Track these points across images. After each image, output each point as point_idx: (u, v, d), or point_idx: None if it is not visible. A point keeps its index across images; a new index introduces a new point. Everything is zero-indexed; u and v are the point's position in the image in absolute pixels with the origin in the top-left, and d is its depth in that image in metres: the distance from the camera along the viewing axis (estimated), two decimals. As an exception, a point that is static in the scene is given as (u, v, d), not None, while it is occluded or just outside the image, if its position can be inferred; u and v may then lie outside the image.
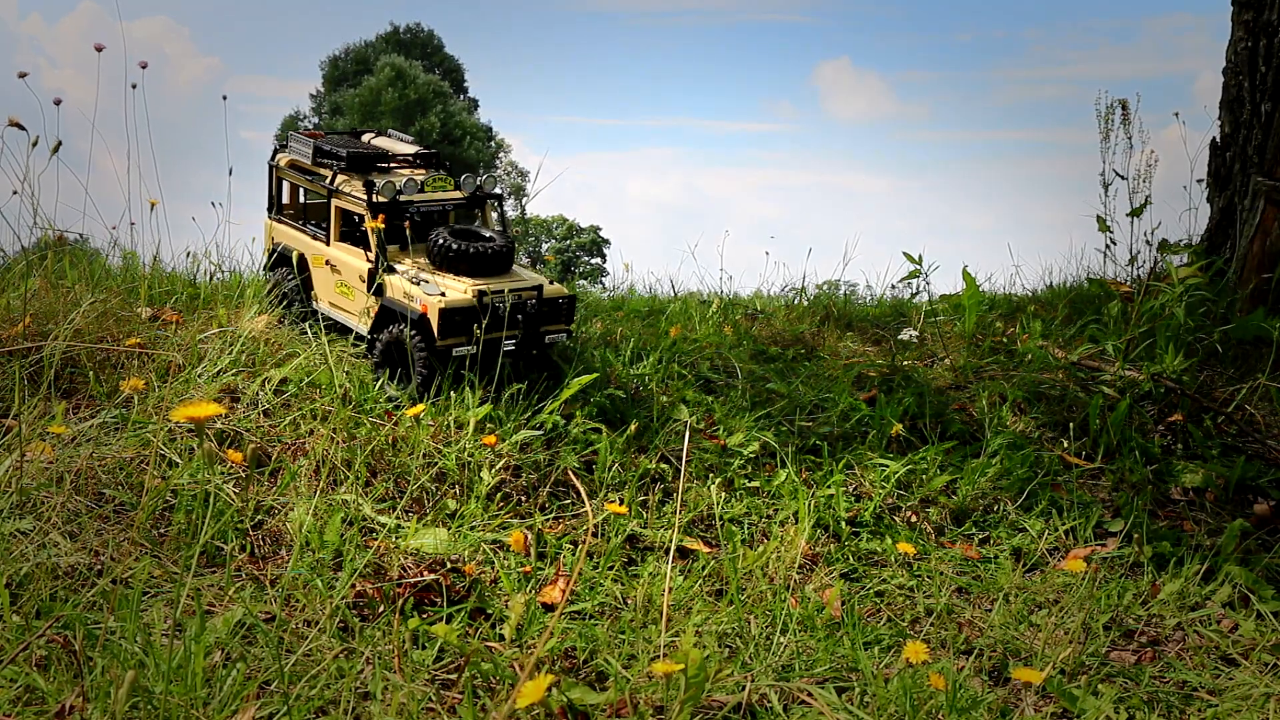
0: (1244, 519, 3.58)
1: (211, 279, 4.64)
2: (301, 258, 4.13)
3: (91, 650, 2.11)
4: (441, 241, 3.71)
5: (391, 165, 4.07)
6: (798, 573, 3.05)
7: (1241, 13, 5.10)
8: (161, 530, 2.75)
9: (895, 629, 2.92)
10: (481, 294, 3.58)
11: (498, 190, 4.07)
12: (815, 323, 5.31)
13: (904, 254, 5.24)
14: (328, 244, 4.00)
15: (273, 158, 4.26)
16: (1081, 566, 2.85)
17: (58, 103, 3.76)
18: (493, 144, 36.52)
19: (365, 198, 3.77)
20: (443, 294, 3.57)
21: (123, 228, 4.43)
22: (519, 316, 3.66)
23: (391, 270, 3.73)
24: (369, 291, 3.77)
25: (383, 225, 3.71)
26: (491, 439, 3.30)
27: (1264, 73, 4.97)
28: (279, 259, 4.23)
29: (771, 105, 77.61)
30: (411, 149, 4.21)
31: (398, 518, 3.04)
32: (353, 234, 3.97)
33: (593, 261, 33.91)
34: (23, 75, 3.81)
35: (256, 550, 2.83)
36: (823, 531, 3.42)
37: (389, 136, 4.37)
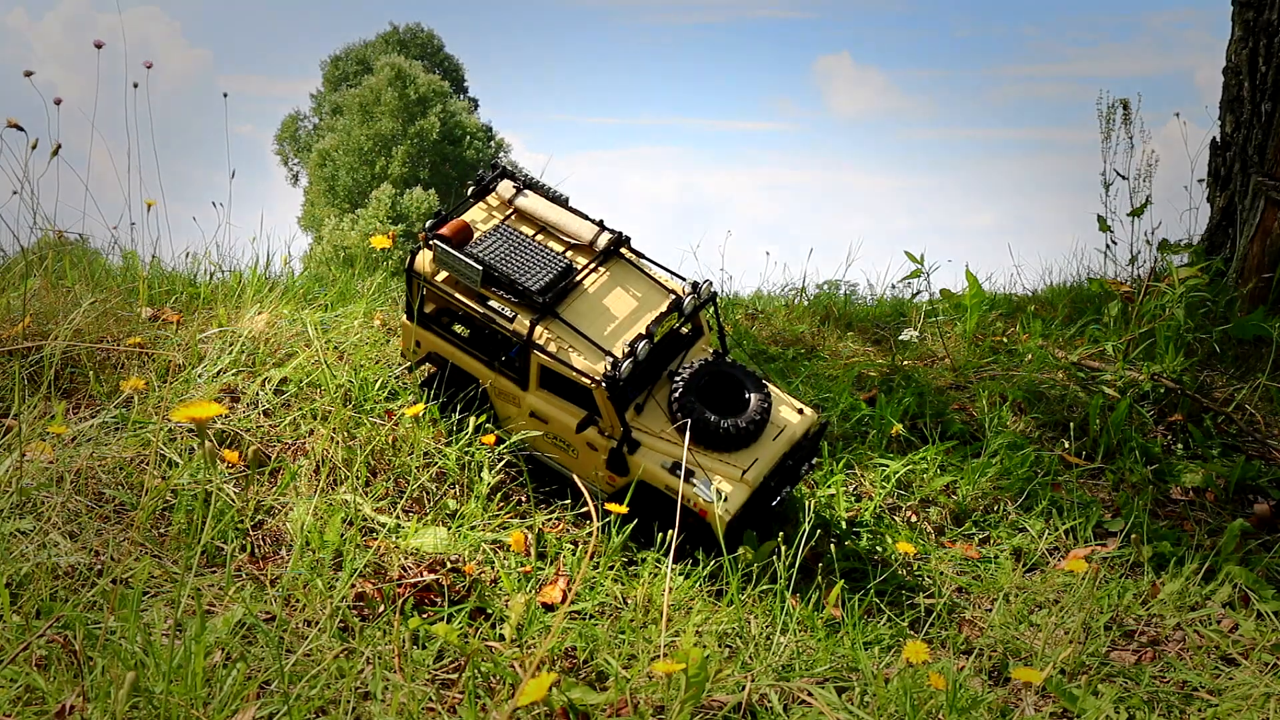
0: (1244, 519, 3.58)
1: (211, 279, 4.64)
2: (475, 382, 3.41)
3: (91, 650, 2.11)
4: (704, 422, 3.13)
5: (577, 279, 3.26)
6: (798, 573, 3.05)
7: (1242, 12, 5.10)
8: (161, 530, 2.75)
9: (895, 629, 2.92)
10: (766, 483, 3.16)
11: (713, 289, 3.39)
12: (815, 323, 5.30)
13: (906, 254, 5.24)
14: (524, 388, 3.30)
15: (410, 263, 3.34)
16: (1082, 566, 2.85)
17: (58, 102, 3.76)
18: (493, 144, 36.51)
19: (590, 376, 3.09)
20: (724, 497, 3.05)
21: (123, 228, 4.42)
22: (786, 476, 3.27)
23: (635, 444, 3.17)
24: (607, 467, 3.20)
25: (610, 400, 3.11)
26: (490, 438, 3.30)
27: (1264, 73, 4.97)
28: (433, 360, 3.51)
29: (772, 102, 77.56)
30: (588, 230, 3.35)
31: (398, 518, 3.04)
32: (554, 383, 3.26)
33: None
34: (29, 74, 3.80)
35: (256, 550, 2.83)
36: (823, 531, 3.42)
37: (538, 191, 3.46)
